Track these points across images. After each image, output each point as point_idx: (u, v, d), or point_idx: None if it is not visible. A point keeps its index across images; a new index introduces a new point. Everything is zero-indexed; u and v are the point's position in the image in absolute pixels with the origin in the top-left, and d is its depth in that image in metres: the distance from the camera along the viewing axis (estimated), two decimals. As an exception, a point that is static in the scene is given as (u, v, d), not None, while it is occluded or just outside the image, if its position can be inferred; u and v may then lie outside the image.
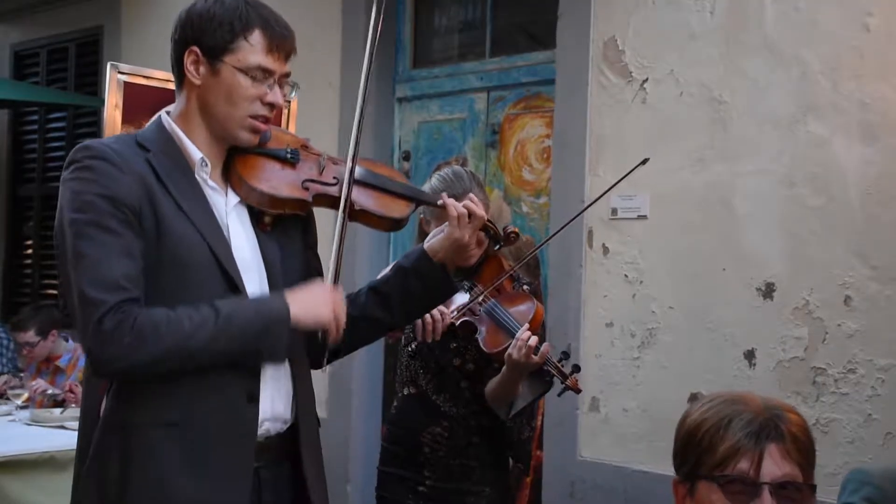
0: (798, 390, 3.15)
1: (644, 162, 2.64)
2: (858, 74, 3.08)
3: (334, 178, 1.94)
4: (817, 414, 3.09)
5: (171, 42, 1.85)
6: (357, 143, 1.94)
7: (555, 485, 3.70)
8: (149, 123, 1.90)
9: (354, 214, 1.94)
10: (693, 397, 3.34)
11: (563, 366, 2.53)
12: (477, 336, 2.58)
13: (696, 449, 1.48)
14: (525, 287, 2.76)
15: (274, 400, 1.84)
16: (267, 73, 1.81)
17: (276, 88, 1.84)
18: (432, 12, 4.57)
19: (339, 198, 1.92)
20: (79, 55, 6.26)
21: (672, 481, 1.54)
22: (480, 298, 2.57)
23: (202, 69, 1.80)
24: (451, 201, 2.01)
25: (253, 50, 1.79)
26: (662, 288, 3.48)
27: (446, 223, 2.01)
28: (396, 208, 2.00)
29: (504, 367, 2.53)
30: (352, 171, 1.91)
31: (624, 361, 3.56)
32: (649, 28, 3.55)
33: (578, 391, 2.54)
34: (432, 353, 2.67)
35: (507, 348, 2.49)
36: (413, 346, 2.73)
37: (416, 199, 2.04)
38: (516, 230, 2.13)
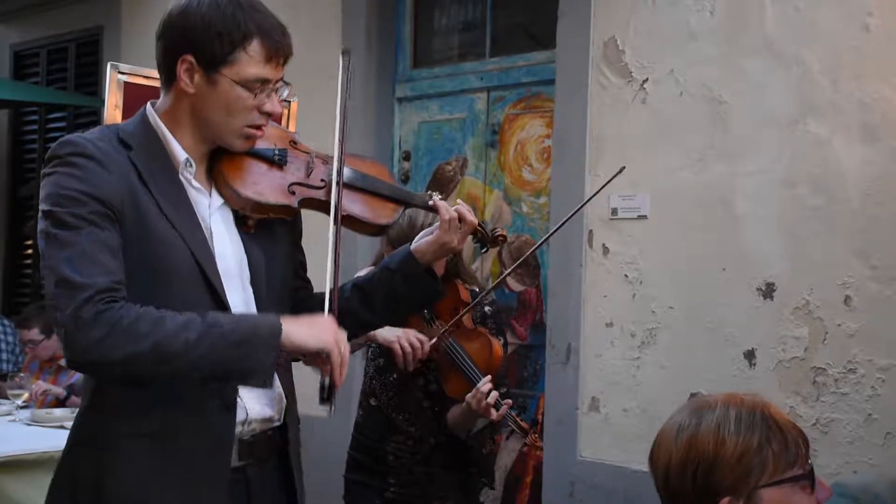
0: (798, 390, 3.15)
1: (621, 171, 2.60)
2: (858, 74, 3.07)
3: (322, 180, 1.88)
4: (817, 414, 3.09)
5: (157, 41, 1.79)
6: (341, 164, 1.87)
7: (555, 485, 3.70)
8: (132, 118, 1.83)
9: (341, 219, 1.87)
10: (693, 398, 3.34)
11: (521, 419, 2.61)
12: (438, 375, 2.66)
13: (754, 461, 1.45)
14: (487, 309, 2.78)
15: (262, 402, 1.81)
16: (265, 82, 1.75)
17: (273, 96, 1.78)
18: (432, 12, 4.57)
19: (326, 202, 1.86)
20: (79, 55, 6.25)
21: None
22: (441, 335, 2.62)
23: (197, 78, 1.73)
24: (442, 204, 1.96)
25: (252, 61, 1.72)
26: (662, 288, 3.48)
27: (435, 225, 1.97)
28: (384, 213, 1.94)
29: (465, 404, 2.58)
30: (338, 199, 1.83)
31: (624, 361, 3.56)
32: (649, 28, 3.54)
33: (539, 448, 2.59)
34: (397, 370, 2.69)
35: (468, 393, 2.55)
36: (381, 361, 2.75)
37: (404, 202, 1.98)
38: (504, 233, 2.06)
